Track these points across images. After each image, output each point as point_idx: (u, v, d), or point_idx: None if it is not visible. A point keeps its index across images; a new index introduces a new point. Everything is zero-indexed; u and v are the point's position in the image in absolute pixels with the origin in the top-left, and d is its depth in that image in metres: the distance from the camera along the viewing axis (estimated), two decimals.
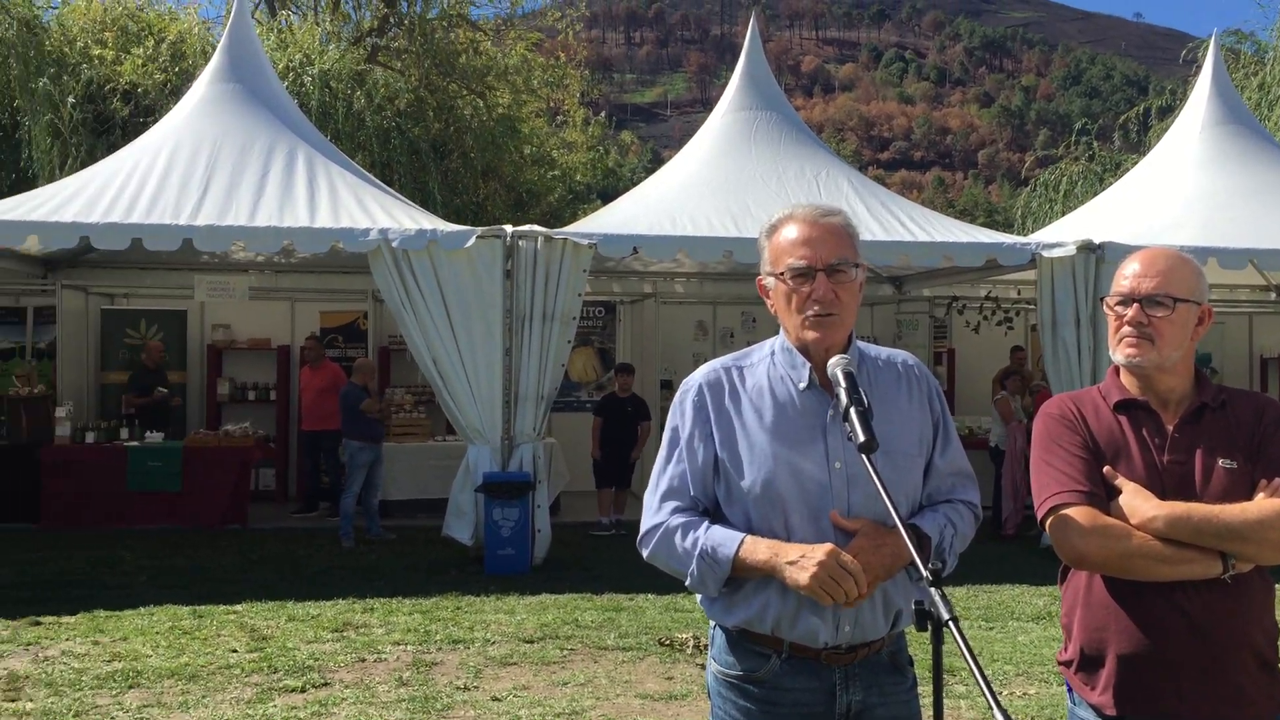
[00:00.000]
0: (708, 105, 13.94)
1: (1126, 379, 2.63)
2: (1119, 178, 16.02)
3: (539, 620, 7.76)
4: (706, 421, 2.47)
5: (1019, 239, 11.75)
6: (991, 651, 7.03)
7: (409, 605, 8.16)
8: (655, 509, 2.47)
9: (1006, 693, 6.19)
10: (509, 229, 9.78)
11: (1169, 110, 22.29)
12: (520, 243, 9.69)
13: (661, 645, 7.11)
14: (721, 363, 2.56)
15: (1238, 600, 2.45)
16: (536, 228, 9.92)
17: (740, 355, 2.58)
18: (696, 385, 2.53)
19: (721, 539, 2.37)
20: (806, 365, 2.45)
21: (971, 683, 6.15)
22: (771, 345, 2.54)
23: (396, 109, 20.09)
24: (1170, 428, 2.55)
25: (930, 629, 1.93)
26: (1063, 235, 11.58)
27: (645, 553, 2.50)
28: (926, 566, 1.97)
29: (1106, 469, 2.53)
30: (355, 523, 10.86)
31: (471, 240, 9.57)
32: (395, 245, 9.50)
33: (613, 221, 10.98)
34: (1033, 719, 5.71)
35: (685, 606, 8.04)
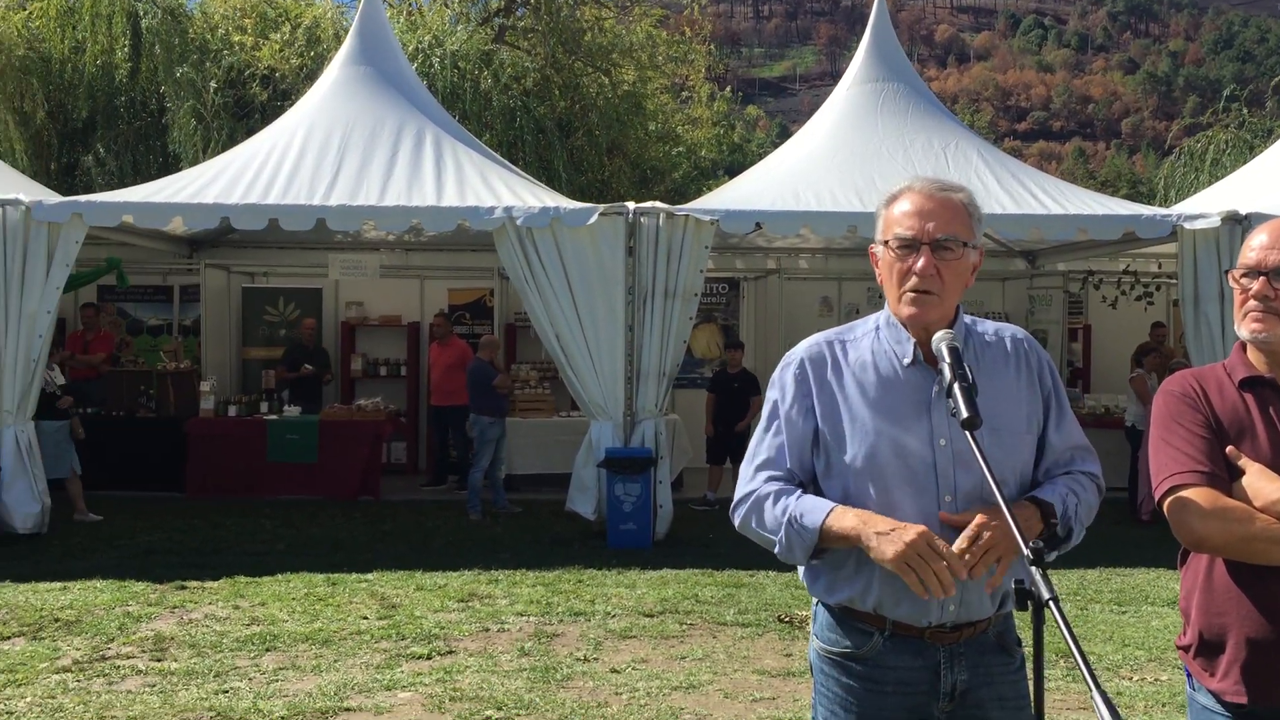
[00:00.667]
0: (837, 78, 13.71)
1: (1253, 355, 2.52)
2: (1270, 145, 15.24)
3: (659, 595, 7.82)
4: (807, 395, 2.45)
5: (1159, 210, 11.30)
6: (1123, 636, 6.83)
7: (532, 577, 8.31)
8: (749, 478, 2.46)
9: (1137, 678, 6.01)
10: (631, 206, 9.82)
11: None
12: (642, 219, 9.72)
13: (780, 622, 7.10)
14: (824, 336, 2.54)
15: None
16: (659, 204, 9.94)
17: (844, 329, 2.55)
18: (798, 358, 2.51)
19: (811, 506, 2.35)
20: (912, 340, 2.41)
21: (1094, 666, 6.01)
22: (877, 319, 2.51)
23: (523, 88, 20.31)
24: None
25: (1031, 608, 1.89)
26: (1207, 206, 11.07)
27: (736, 521, 2.50)
28: (1028, 545, 1.92)
29: (1230, 449, 2.42)
30: (482, 496, 11.09)
31: (594, 217, 9.64)
32: (519, 223, 9.64)
33: (736, 197, 10.93)
34: (1163, 705, 5.54)
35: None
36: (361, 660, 6.22)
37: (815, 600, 2.53)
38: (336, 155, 10.54)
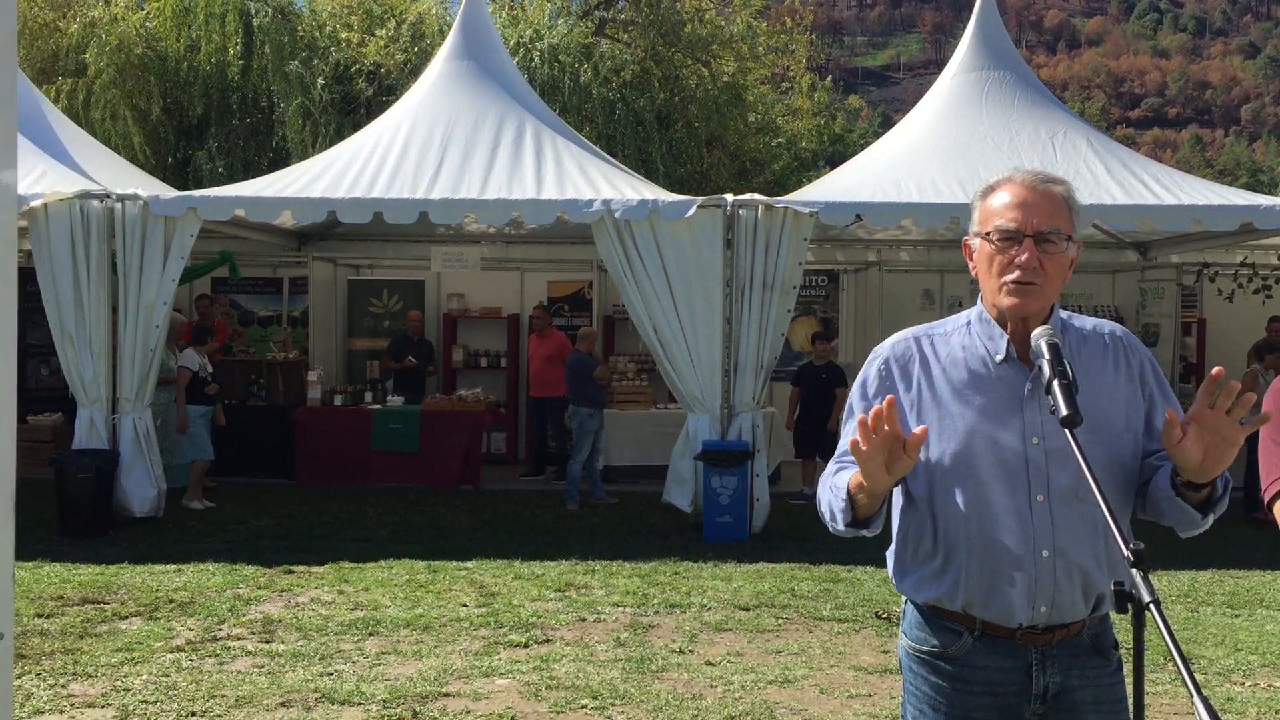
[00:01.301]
0: (941, 66, 13.48)
1: None
2: None
3: (755, 588, 7.80)
4: (891, 390, 2.41)
5: (1278, 200, 10.89)
6: (1236, 641, 6.61)
7: (629, 568, 8.35)
8: (831, 473, 2.45)
9: (1249, 684, 5.81)
10: (729, 198, 9.79)
11: None
12: (741, 211, 9.69)
13: (878, 618, 7.03)
14: (912, 332, 2.51)
15: None
16: (757, 196, 9.89)
17: (934, 325, 2.52)
18: (885, 354, 2.48)
19: (850, 469, 2.31)
20: (1004, 336, 2.36)
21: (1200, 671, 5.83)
22: (968, 315, 2.47)
23: (622, 80, 20.38)
24: None
25: (1131, 611, 1.84)
26: None
27: (820, 510, 2.48)
28: (1128, 546, 1.87)
29: None
30: (580, 487, 11.18)
31: (692, 210, 9.64)
32: (618, 215, 9.68)
33: (836, 189, 10.83)
34: (1276, 712, 5.35)
35: None
36: (460, 647, 6.32)
37: (904, 598, 2.51)
38: (439, 149, 10.71)
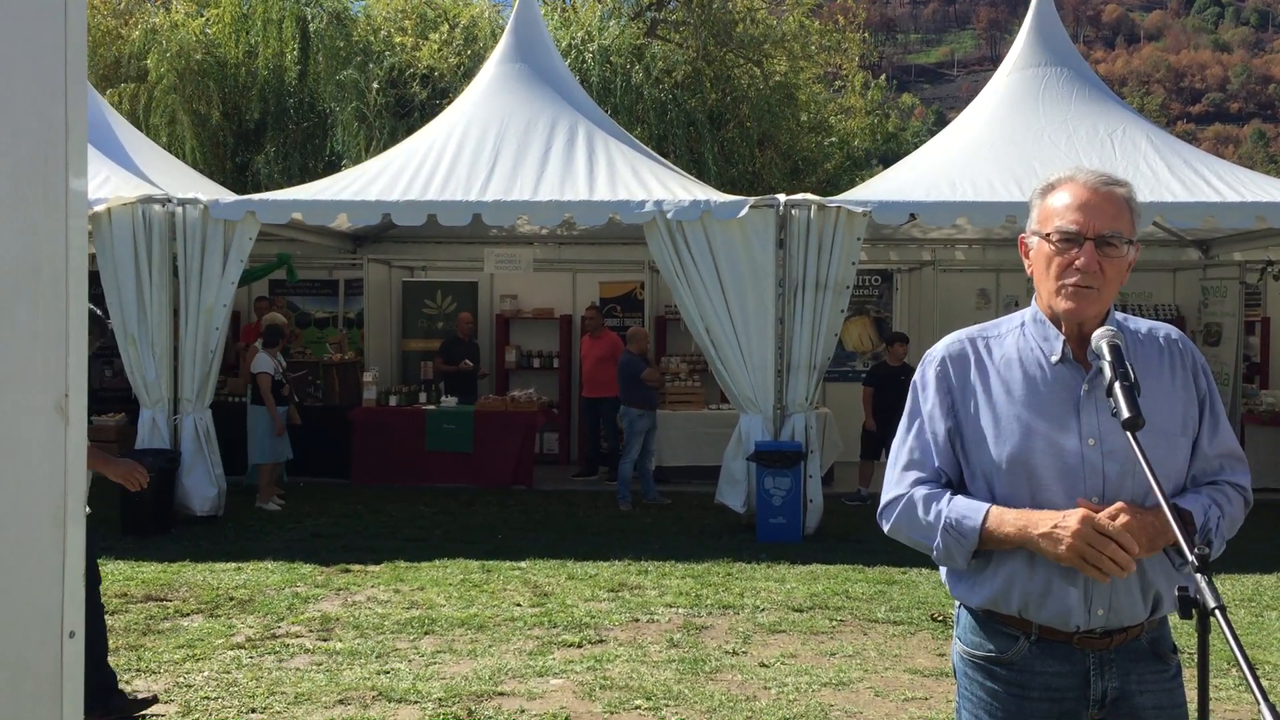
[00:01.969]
0: (997, 63, 13.34)
1: None
2: None
3: (809, 590, 7.77)
4: (949, 393, 2.40)
5: None
6: None
7: (681, 569, 8.35)
8: (896, 481, 2.43)
9: None
10: (782, 198, 9.76)
11: None
12: (793, 211, 9.65)
13: (934, 621, 6.97)
14: (966, 333, 2.49)
15: None
16: (810, 196, 9.85)
17: (987, 326, 2.49)
18: (939, 356, 2.46)
19: (966, 510, 2.30)
20: (1060, 338, 2.34)
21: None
22: (1022, 316, 2.45)
23: (673, 81, 20.38)
24: None
25: (1195, 617, 1.81)
26: None
27: (886, 526, 2.47)
28: (1193, 550, 1.84)
29: None
30: (632, 487, 11.19)
31: (744, 210, 9.62)
32: (669, 216, 9.68)
33: (889, 188, 10.74)
34: None
35: None
36: (515, 646, 6.36)
37: (958, 602, 2.48)
38: (492, 151, 10.78)
